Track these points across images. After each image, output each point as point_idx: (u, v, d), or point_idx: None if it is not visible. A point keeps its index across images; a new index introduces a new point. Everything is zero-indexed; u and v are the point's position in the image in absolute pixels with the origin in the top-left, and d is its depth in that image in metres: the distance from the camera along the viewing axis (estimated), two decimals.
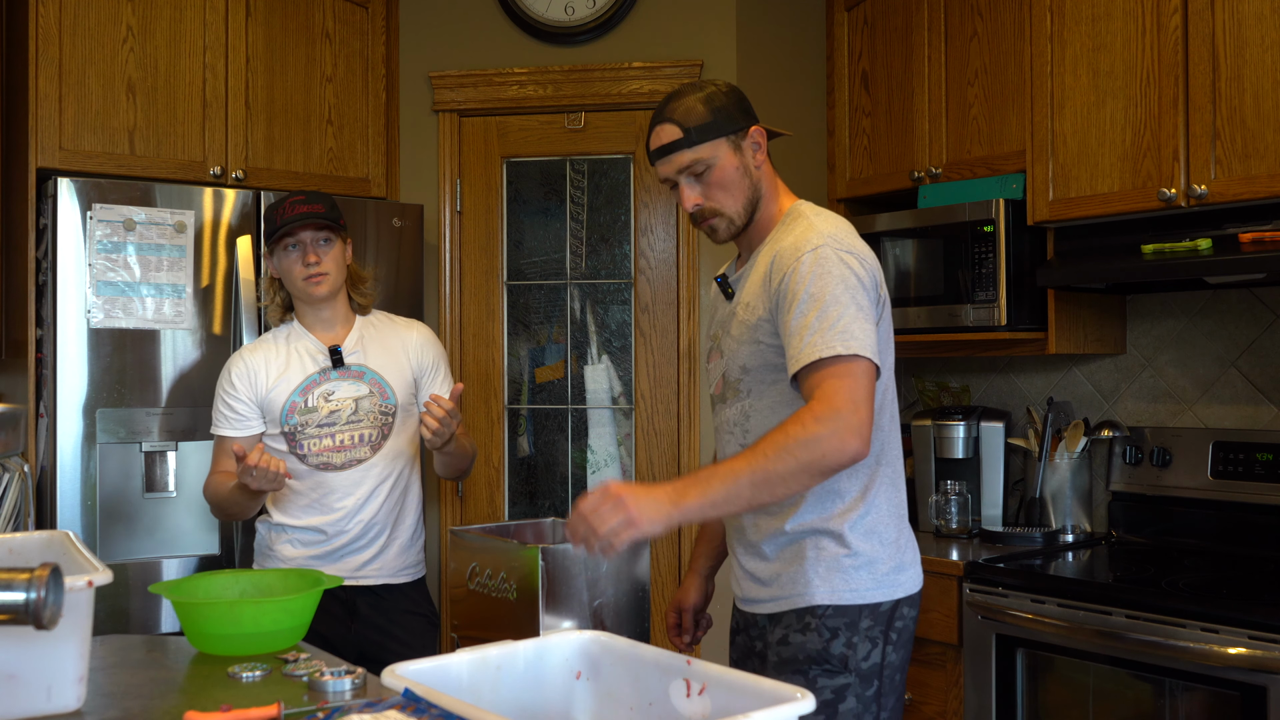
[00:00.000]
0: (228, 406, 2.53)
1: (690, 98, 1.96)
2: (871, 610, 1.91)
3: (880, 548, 1.93)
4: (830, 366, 1.78)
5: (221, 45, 3.24)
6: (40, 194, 2.99)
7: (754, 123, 1.99)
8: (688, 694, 1.56)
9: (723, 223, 1.99)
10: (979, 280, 2.99)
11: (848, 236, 1.92)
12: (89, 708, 1.49)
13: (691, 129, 1.93)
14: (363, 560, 2.52)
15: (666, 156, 1.96)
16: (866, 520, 1.93)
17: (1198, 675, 2.31)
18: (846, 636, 1.89)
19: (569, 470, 3.61)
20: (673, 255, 3.47)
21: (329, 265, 2.50)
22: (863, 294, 1.84)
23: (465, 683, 1.56)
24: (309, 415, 2.50)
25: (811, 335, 1.80)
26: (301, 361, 2.54)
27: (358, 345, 2.57)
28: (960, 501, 3.17)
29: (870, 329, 1.82)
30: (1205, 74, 2.58)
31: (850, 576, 1.91)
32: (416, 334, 2.66)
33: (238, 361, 2.57)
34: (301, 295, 2.53)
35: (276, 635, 1.85)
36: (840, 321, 1.79)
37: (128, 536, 2.97)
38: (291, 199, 2.50)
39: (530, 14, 3.53)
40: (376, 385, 2.55)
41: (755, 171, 1.98)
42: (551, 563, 1.84)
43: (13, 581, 1.26)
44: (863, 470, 1.92)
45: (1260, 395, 2.90)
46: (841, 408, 1.73)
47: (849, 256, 1.87)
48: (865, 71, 3.46)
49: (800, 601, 1.91)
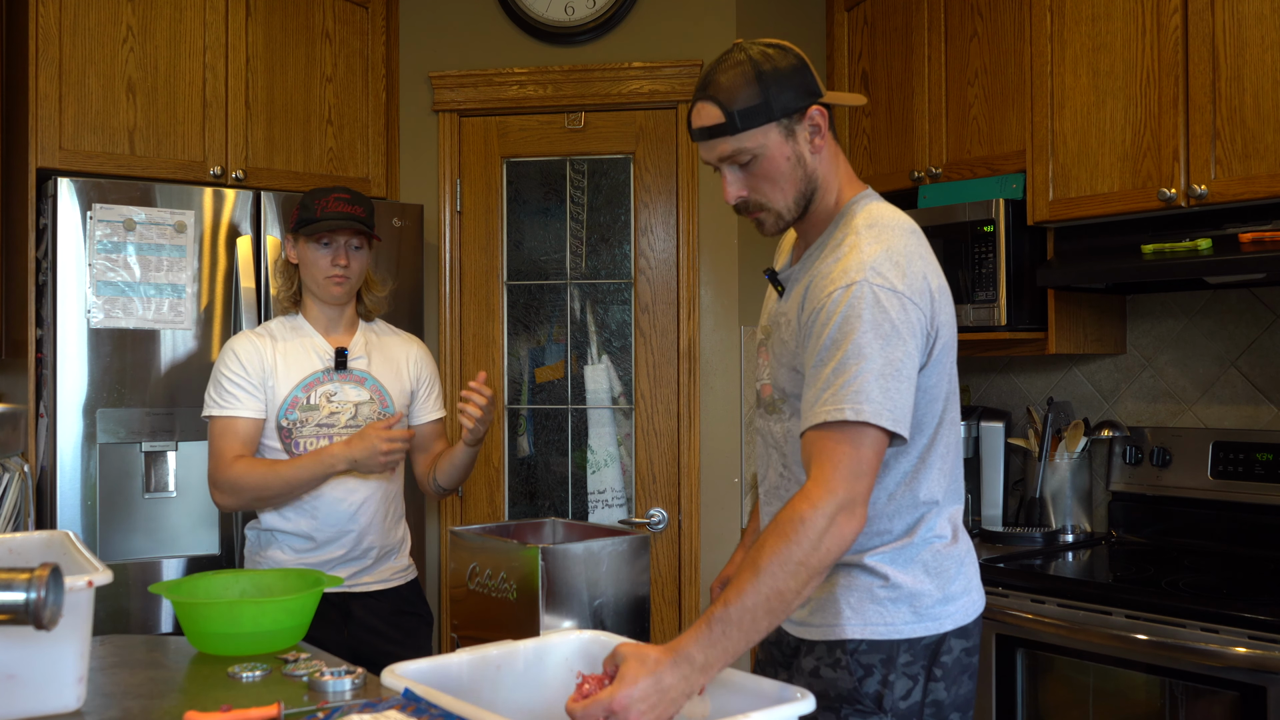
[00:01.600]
0: (236, 386, 2.45)
1: (737, 71, 1.67)
2: (910, 645, 1.70)
3: (925, 579, 1.72)
4: (832, 433, 1.57)
5: (221, 45, 3.24)
6: (40, 194, 2.99)
7: (813, 101, 1.70)
8: None
9: (770, 217, 1.76)
10: (979, 280, 2.99)
11: (897, 261, 1.66)
12: (89, 708, 1.49)
13: (735, 113, 1.66)
14: (357, 570, 2.49)
15: (707, 141, 1.71)
16: (907, 552, 1.73)
17: (1198, 675, 2.31)
18: (882, 674, 1.69)
19: (569, 470, 3.60)
20: (673, 255, 3.47)
21: (355, 270, 2.49)
22: (898, 346, 1.60)
23: (465, 683, 1.56)
24: (309, 413, 2.47)
25: (825, 391, 1.59)
26: (308, 356, 2.50)
27: (362, 351, 2.56)
28: None
29: (898, 388, 1.59)
30: (1205, 74, 2.58)
31: (886, 610, 1.71)
32: (416, 349, 2.66)
33: (244, 342, 2.50)
34: (318, 291, 2.50)
35: (276, 635, 1.84)
36: (857, 380, 1.57)
37: (128, 536, 2.97)
38: (335, 194, 2.45)
39: (530, 14, 3.53)
40: (377, 392, 2.53)
41: (810, 159, 1.72)
42: (551, 563, 1.84)
43: (13, 581, 1.26)
44: (911, 510, 1.73)
45: (1260, 395, 2.90)
46: (835, 485, 1.54)
47: (890, 297, 1.61)
48: (865, 71, 3.46)
49: (831, 634, 1.73)
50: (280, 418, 2.46)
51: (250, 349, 2.48)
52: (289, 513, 2.47)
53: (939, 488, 1.75)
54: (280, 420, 2.46)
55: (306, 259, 2.49)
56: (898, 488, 1.72)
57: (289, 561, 2.47)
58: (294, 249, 2.52)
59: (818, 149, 1.73)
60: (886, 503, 1.72)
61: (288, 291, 2.55)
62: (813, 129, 1.71)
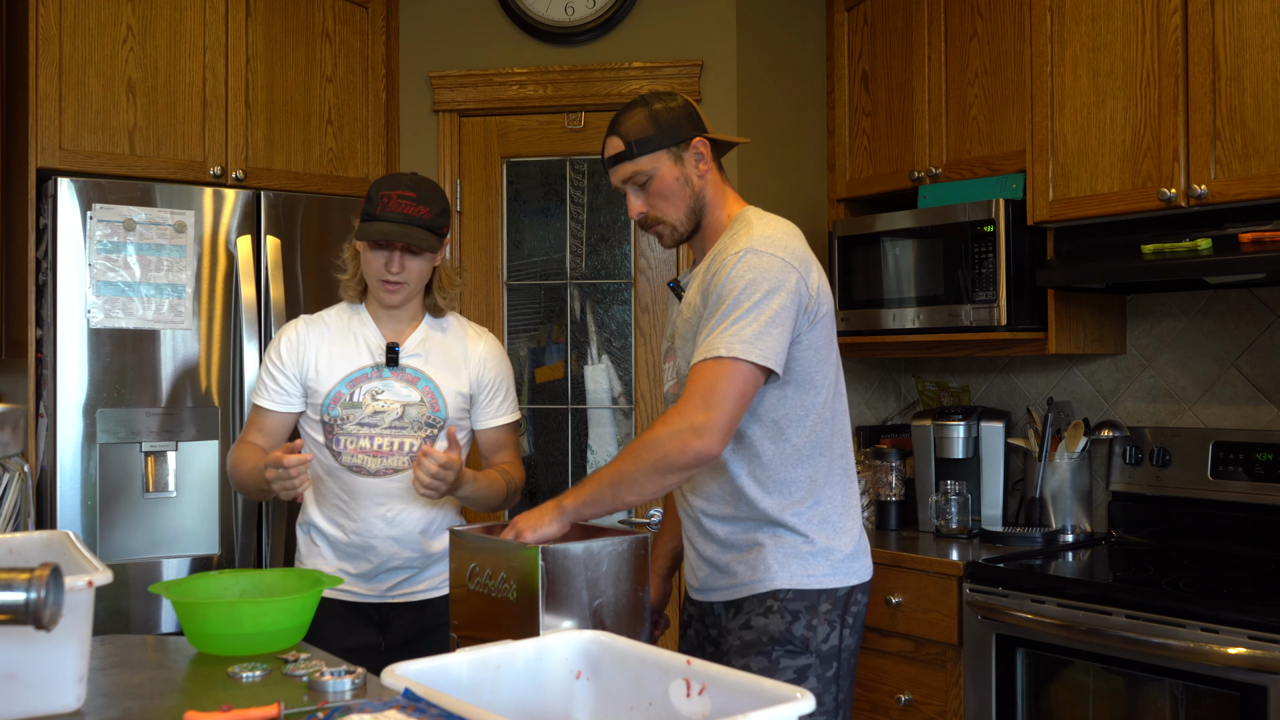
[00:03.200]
0: (270, 377, 2.37)
1: (637, 112, 2.06)
2: (829, 595, 2.00)
3: (835, 536, 2.03)
4: (704, 365, 1.89)
5: (221, 45, 3.24)
6: (40, 194, 2.99)
7: (699, 134, 2.07)
8: (688, 694, 1.56)
9: (666, 229, 2.09)
10: (979, 280, 2.99)
11: (782, 240, 1.97)
12: (89, 708, 1.49)
13: (633, 142, 2.04)
14: (399, 580, 2.37)
15: (613, 167, 2.08)
16: (818, 510, 2.02)
17: (1198, 675, 2.31)
18: (807, 619, 1.98)
19: (569, 470, 3.60)
20: (672, 255, 3.47)
21: (412, 276, 2.31)
22: (774, 298, 1.90)
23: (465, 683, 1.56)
24: (351, 410, 2.33)
25: (706, 338, 1.91)
26: (358, 350, 2.36)
27: (419, 348, 2.39)
28: (960, 501, 3.17)
29: (771, 332, 1.89)
30: (1205, 74, 2.58)
31: (808, 563, 2.00)
32: (485, 345, 2.46)
33: (290, 332, 2.40)
34: (374, 293, 2.36)
35: (276, 635, 1.84)
36: (735, 325, 1.88)
37: (128, 536, 2.97)
38: (400, 191, 2.27)
39: (530, 14, 3.53)
40: (429, 394, 2.36)
41: (698, 181, 2.07)
42: (551, 563, 1.84)
43: (13, 581, 1.26)
44: (807, 462, 2.01)
45: (1260, 395, 2.90)
46: (690, 409, 1.86)
47: (770, 260, 1.93)
48: (865, 71, 3.46)
49: (761, 586, 2.00)
50: (324, 412, 2.34)
51: (295, 339, 2.37)
52: (324, 503, 2.37)
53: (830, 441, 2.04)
54: (324, 415, 2.34)
55: (364, 256, 2.33)
56: (801, 439, 2.00)
57: (330, 570, 2.35)
58: (358, 240, 2.34)
59: (703, 174, 2.08)
60: (791, 453, 2.00)
61: (352, 278, 2.40)
62: (698, 156, 2.07)
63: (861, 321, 3.29)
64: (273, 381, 2.37)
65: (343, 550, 2.37)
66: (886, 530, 3.30)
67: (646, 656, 1.51)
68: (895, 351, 3.43)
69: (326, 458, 2.36)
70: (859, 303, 3.31)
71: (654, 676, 1.58)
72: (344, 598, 2.36)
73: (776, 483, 2.01)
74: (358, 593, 2.37)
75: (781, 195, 3.40)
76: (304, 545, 2.43)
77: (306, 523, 2.42)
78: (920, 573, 2.85)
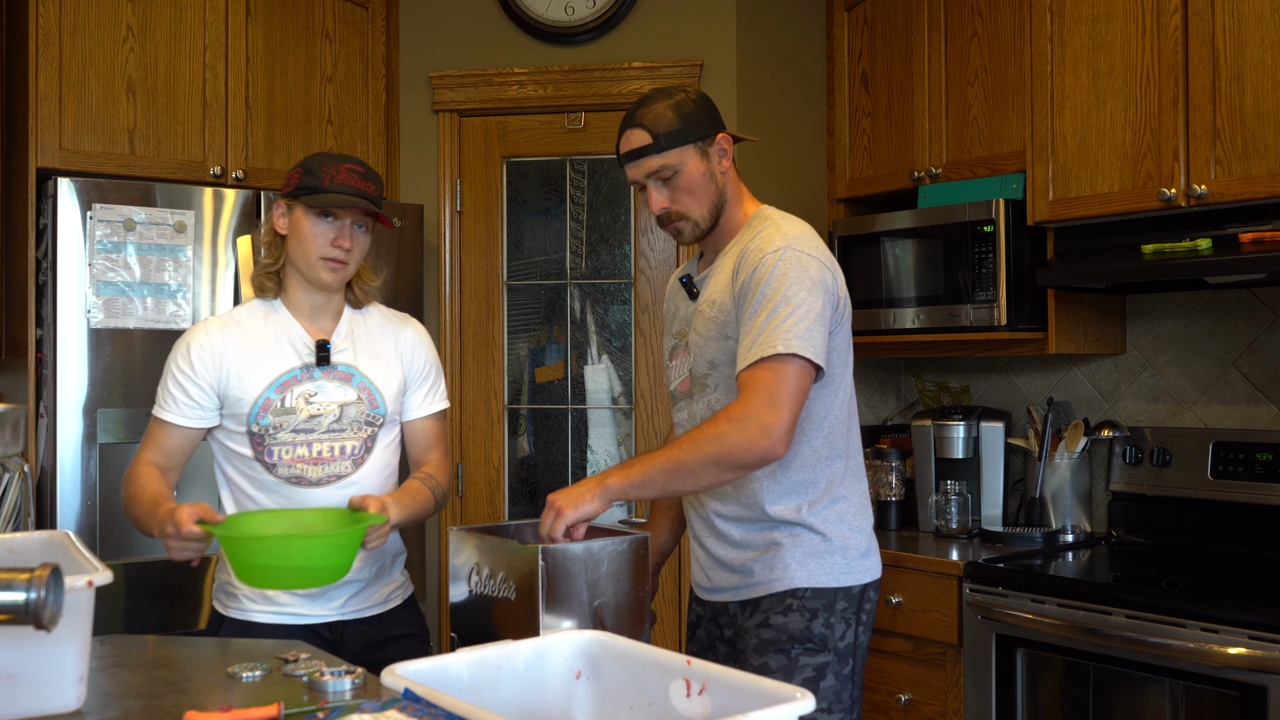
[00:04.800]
0: (179, 388, 2.13)
1: (660, 104, 2.03)
2: (845, 593, 2.01)
3: (851, 534, 2.04)
4: (764, 364, 1.87)
5: (221, 45, 3.24)
6: (40, 194, 2.99)
7: (721, 130, 2.06)
8: (688, 694, 1.56)
9: (688, 225, 2.06)
10: (979, 280, 2.99)
11: (811, 240, 1.99)
12: (89, 708, 1.49)
13: (660, 135, 2.00)
14: (349, 595, 2.19)
15: (635, 161, 2.03)
16: (835, 509, 2.03)
17: (1198, 675, 2.31)
18: (825, 617, 1.98)
19: (569, 470, 3.60)
20: (672, 255, 3.47)
21: (356, 255, 2.15)
22: (819, 297, 1.92)
23: (465, 683, 1.56)
24: (284, 417, 2.13)
25: (759, 335, 1.89)
26: (282, 351, 2.15)
27: (346, 341, 2.20)
28: (960, 501, 3.17)
29: (819, 330, 1.90)
30: (1205, 74, 2.58)
31: (825, 561, 2.00)
32: (411, 332, 2.30)
33: (201, 336, 2.15)
34: (308, 273, 2.14)
35: (323, 571, 1.87)
36: (787, 321, 1.88)
37: (128, 536, 2.97)
38: (347, 164, 2.13)
39: (530, 14, 3.53)
40: (365, 390, 2.19)
41: (721, 177, 2.06)
42: (551, 563, 1.84)
43: (13, 581, 1.26)
44: (825, 464, 2.02)
45: (1260, 395, 2.90)
46: (756, 408, 1.85)
47: (809, 260, 1.94)
48: (865, 71, 3.46)
49: (779, 585, 2.00)
50: (250, 423, 2.12)
51: (208, 347, 2.14)
52: None
53: (846, 442, 2.06)
54: (251, 425, 2.13)
55: (301, 233, 2.12)
56: (820, 440, 2.01)
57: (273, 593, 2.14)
58: (285, 218, 2.15)
59: (725, 170, 2.06)
60: (810, 455, 2.01)
61: (273, 269, 2.18)
62: (721, 152, 2.05)
63: (861, 321, 3.29)
64: (182, 394, 2.14)
65: None
66: (887, 530, 3.30)
67: (646, 656, 1.51)
68: (895, 351, 3.43)
69: (258, 472, 2.15)
70: (859, 303, 3.31)
71: (654, 676, 1.58)
72: (291, 621, 2.16)
73: (796, 484, 2.02)
74: (306, 614, 2.17)
75: (781, 195, 3.40)
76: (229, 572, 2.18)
77: None
78: (920, 573, 2.85)
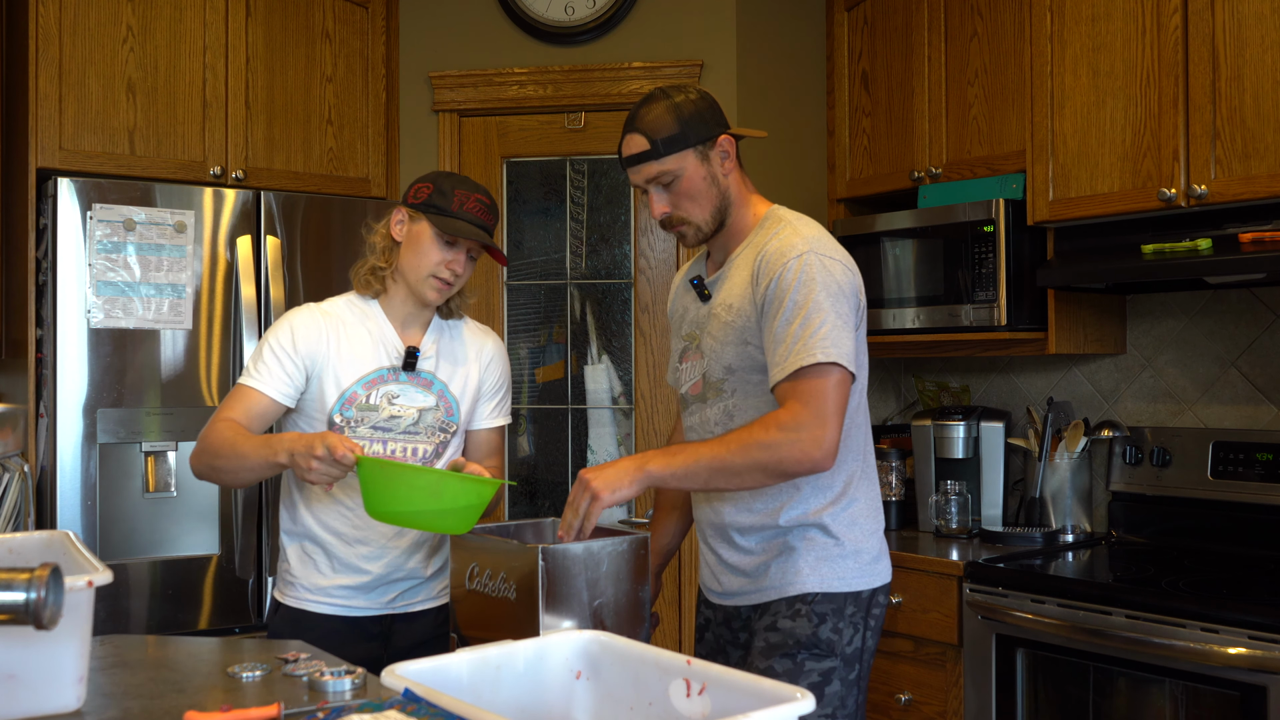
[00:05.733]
0: (275, 360, 2.18)
1: (659, 106, 1.98)
2: (855, 597, 1.98)
3: (863, 537, 2.02)
4: (807, 374, 1.85)
5: (221, 45, 3.24)
6: (40, 194, 2.99)
7: (723, 131, 2.01)
8: (688, 694, 1.56)
9: (691, 230, 2.03)
10: (979, 280, 2.99)
11: (830, 242, 1.97)
12: (89, 708, 1.49)
13: (659, 141, 1.96)
14: (400, 592, 2.27)
15: (635, 166, 2.00)
16: (849, 512, 2.01)
17: (1198, 675, 2.31)
18: (833, 622, 1.96)
19: (569, 470, 3.60)
20: (672, 255, 3.47)
21: (462, 280, 2.25)
22: (845, 302, 1.90)
23: (465, 683, 1.56)
24: (366, 413, 2.20)
25: (795, 344, 1.86)
26: (375, 350, 2.23)
27: (432, 350, 2.29)
28: (960, 501, 3.17)
29: (850, 337, 1.89)
30: (1205, 74, 2.58)
31: (838, 565, 1.98)
32: (492, 345, 2.39)
33: (305, 318, 2.23)
34: (415, 286, 2.22)
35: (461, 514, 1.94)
36: (822, 329, 1.85)
37: (128, 536, 2.97)
38: (477, 195, 2.22)
39: (530, 14, 3.53)
40: (444, 399, 2.28)
41: (723, 180, 2.02)
42: (551, 563, 1.84)
43: (13, 581, 1.26)
44: (843, 466, 2.00)
45: (1260, 395, 2.90)
46: (808, 420, 1.82)
47: (833, 264, 1.92)
48: (865, 71, 3.46)
49: (790, 590, 1.98)
50: (334, 413, 2.20)
51: (314, 327, 2.21)
52: (328, 520, 2.23)
53: (862, 445, 2.05)
54: (334, 415, 2.20)
55: (418, 247, 2.20)
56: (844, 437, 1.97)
57: (333, 583, 2.24)
58: (404, 226, 2.23)
59: (728, 172, 2.02)
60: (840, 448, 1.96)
61: (377, 270, 2.26)
62: (723, 155, 2.00)
63: None
64: (277, 366, 2.18)
65: (341, 562, 2.24)
66: (887, 530, 3.28)
67: (646, 656, 1.51)
68: (895, 351, 3.43)
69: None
70: None
71: (654, 676, 1.58)
72: (343, 613, 2.25)
73: (815, 488, 2.00)
74: (357, 606, 2.26)
75: (782, 195, 3.38)
76: (295, 558, 2.28)
77: (299, 533, 2.27)
78: (920, 573, 2.85)
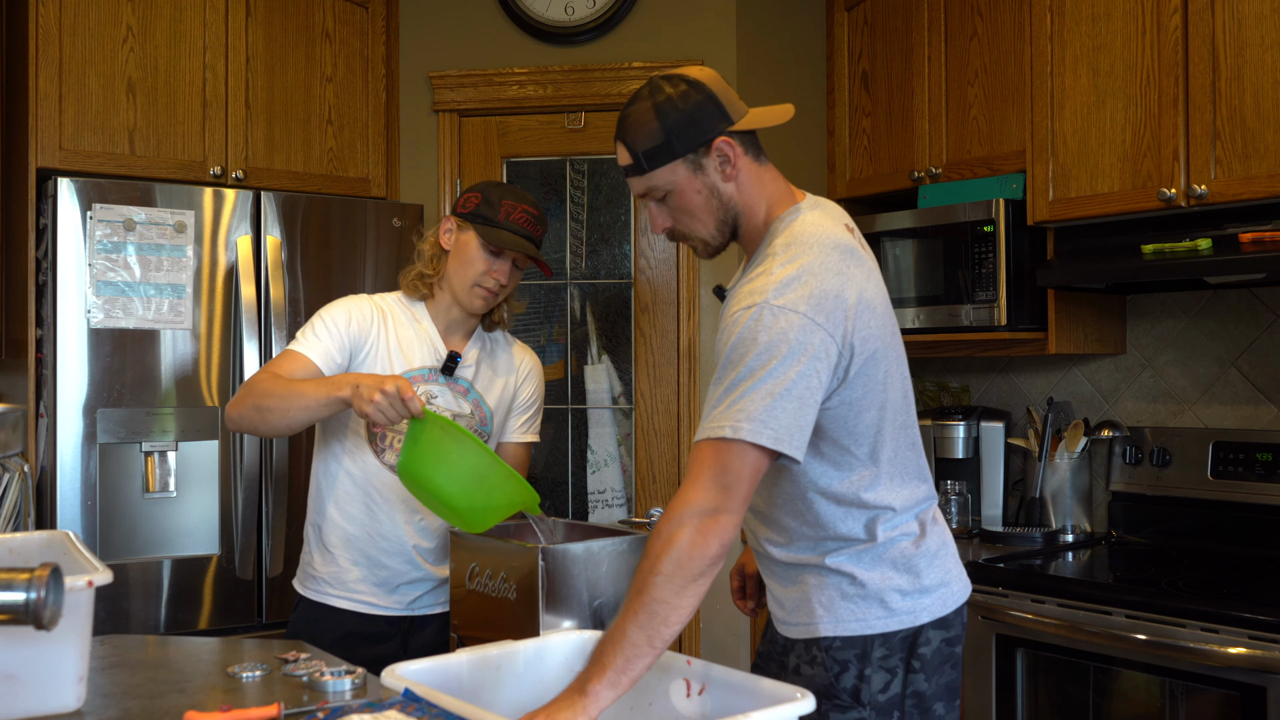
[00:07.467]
0: (326, 332, 2.21)
1: (641, 108, 1.72)
2: (885, 640, 1.71)
3: (895, 575, 1.73)
4: (708, 448, 1.57)
5: (221, 45, 3.24)
6: (40, 194, 2.99)
7: (719, 132, 1.71)
8: (688, 694, 1.56)
9: (698, 244, 1.80)
10: (979, 280, 2.99)
11: (806, 281, 1.62)
12: (89, 708, 1.50)
13: (640, 154, 1.71)
14: (420, 594, 2.31)
15: (627, 179, 1.78)
16: (872, 553, 1.73)
17: (1198, 675, 2.31)
18: (858, 669, 1.71)
19: (569, 470, 3.61)
20: (673, 255, 3.47)
21: (507, 290, 2.29)
22: (792, 363, 1.58)
23: (465, 683, 1.56)
24: None
25: (714, 409, 1.60)
26: (420, 349, 2.28)
27: (472, 358, 2.33)
28: (960, 501, 3.17)
29: (784, 406, 1.57)
30: (1205, 74, 2.58)
31: (857, 606, 1.72)
32: (530, 361, 2.44)
33: (359, 304, 2.27)
34: (460, 294, 2.27)
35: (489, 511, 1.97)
36: (742, 399, 1.57)
37: (128, 536, 2.97)
38: (525, 205, 2.24)
39: (530, 14, 3.53)
40: (478, 407, 2.33)
41: (725, 188, 1.74)
42: (551, 563, 1.84)
43: (13, 581, 1.26)
44: (863, 515, 1.73)
45: (1260, 395, 2.90)
46: (696, 501, 1.54)
47: (788, 317, 1.59)
48: (865, 71, 3.46)
49: (807, 632, 1.75)
50: None
51: (367, 314, 2.26)
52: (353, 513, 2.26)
53: (891, 494, 1.74)
54: None
55: (465, 255, 2.25)
56: (845, 495, 1.72)
57: (353, 577, 2.27)
58: (452, 234, 2.27)
59: (730, 177, 1.74)
60: (836, 508, 1.72)
61: (425, 276, 2.30)
62: (721, 160, 1.72)
63: None
64: (329, 338, 2.21)
65: (363, 556, 2.27)
66: None
67: None
68: None
69: (365, 455, 2.26)
70: None
71: (654, 676, 1.58)
72: (364, 610, 2.28)
73: (824, 539, 1.76)
74: (379, 605, 2.29)
75: None
76: (316, 551, 2.31)
77: (321, 525, 2.31)
78: None
